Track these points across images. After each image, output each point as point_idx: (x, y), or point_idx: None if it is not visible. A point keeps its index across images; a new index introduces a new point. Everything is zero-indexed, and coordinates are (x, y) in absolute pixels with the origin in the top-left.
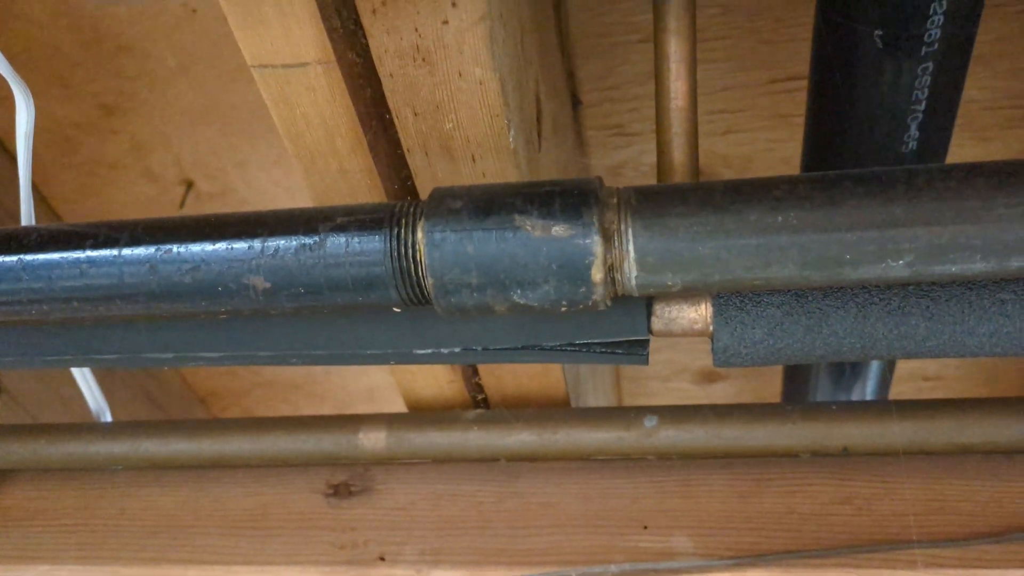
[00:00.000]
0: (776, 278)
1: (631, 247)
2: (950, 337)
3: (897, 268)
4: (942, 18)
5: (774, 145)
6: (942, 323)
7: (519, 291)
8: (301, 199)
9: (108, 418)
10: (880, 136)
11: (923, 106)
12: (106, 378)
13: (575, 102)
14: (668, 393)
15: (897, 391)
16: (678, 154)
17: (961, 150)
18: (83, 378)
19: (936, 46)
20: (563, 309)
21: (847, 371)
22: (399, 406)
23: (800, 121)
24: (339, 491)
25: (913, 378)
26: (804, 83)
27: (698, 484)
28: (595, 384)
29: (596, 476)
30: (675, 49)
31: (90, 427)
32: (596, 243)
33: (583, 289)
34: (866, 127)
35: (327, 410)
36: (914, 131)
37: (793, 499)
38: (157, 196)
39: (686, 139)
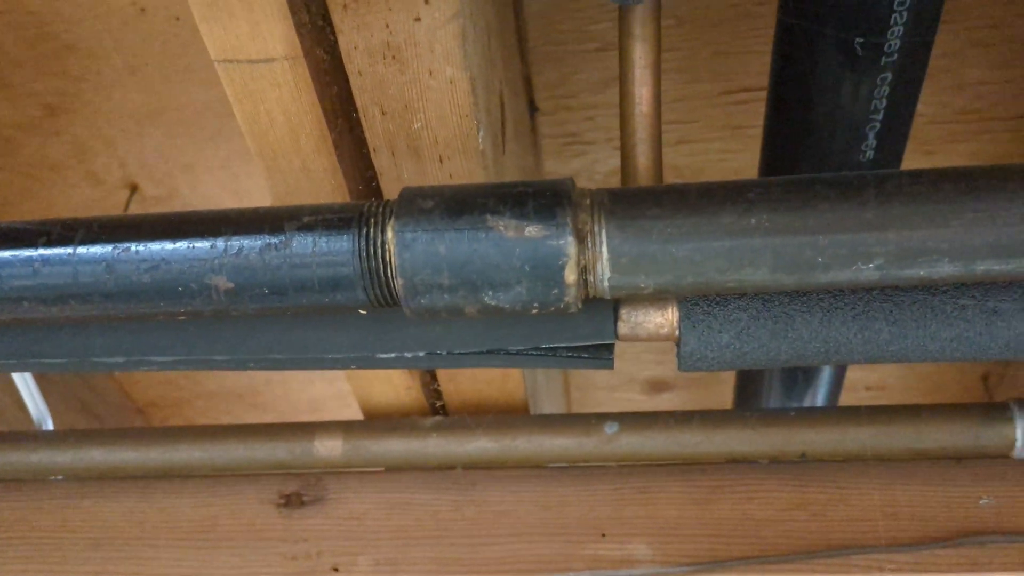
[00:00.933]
0: (749, 281)
1: (605, 248)
2: (913, 341)
3: (868, 271)
4: (901, 28)
5: (726, 156)
6: (905, 328)
7: (491, 292)
8: (248, 202)
9: (49, 426)
10: (838, 145)
11: (881, 116)
12: (39, 386)
13: (532, 108)
14: (615, 403)
15: (840, 400)
16: (643, 159)
17: (906, 163)
18: (24, 384)
19: (895, 57)
20: (534, 311)
21: (799, 379)
22: (344, 418)
23: (753, 132)
24: (291, 501)
25: (855, 388)
26: (757, 95)
27: (656, 491)
28: (549, 392)
29: (554, 484)
30: (640, 55)
31: (31, 435)
32: (570, 244)
33: (555, 291)
34: (825, 135)
35: (270, 421)
36: (872, 140)
37: (750, 505)
38: (100, 200)
39: (650, 144)
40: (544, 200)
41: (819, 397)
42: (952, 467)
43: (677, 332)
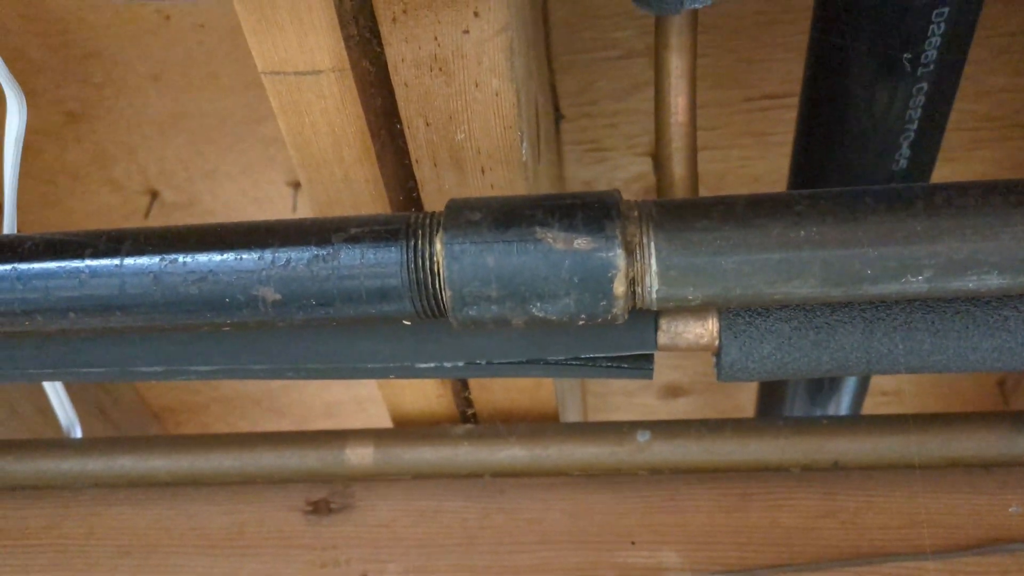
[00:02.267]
0: (796, 293)
1: (653, 260)
2: (955, 352)
3: (916, 284)
4: (939, 40)
5: (747, 163)
6: (947, 338)
7: (538, 304)
8: (270, 210)
9: (78, 434)
10: (871, 154)
11: (915, 125)
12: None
13: (558, 116)
14: (632, 408)
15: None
16: (679, 168)
17: None
18: (55, 392)
19: (932, 67)
20: (581, 322)
21: (825, 386)
22: (360, 423)
23: (775, 139)
24: (319, 508)
25: (870, 393)
26: (780, 102)
27: (685, 499)
28: (572, 399)
29: (583, 492)
30: (676, 65)
31: (62, 443)
32: (619, 256)
33: (604, 302)
34: (858, 145)
35: (285, 426)
36: (905, 149)
37: (779, 513)
38: (120, 206)
39: (686, 153)
40: (593, 212)
41: (844, 404)
42: (982, 475)
43: (717, 342)
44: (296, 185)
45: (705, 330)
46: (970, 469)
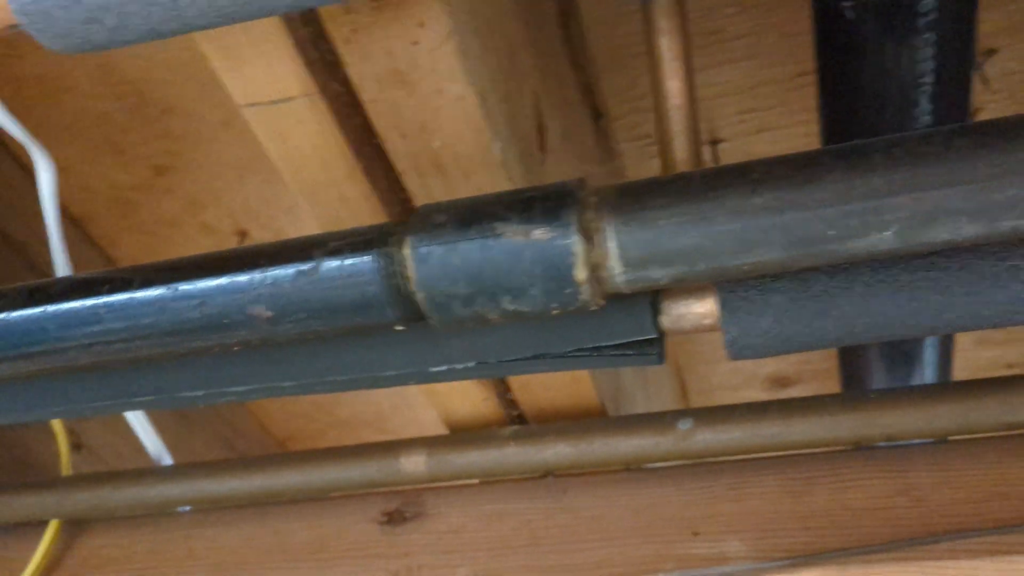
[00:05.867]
0: (763, 261)
1: (612, 244)
2: (965, 309)
3: (886, 240)
4: None
5: (812, 139)
6: (954, 295)
7: (508, 297)
8: None
9: (168, 461)
10: (892, 114)
11: (931, 78)
12: (182, 428)
13: (596, 115)
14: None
15: None
16: (680, 153)
17: None
18: (138, 422)
19: (933, 16)
20: (555, 312)
21: (899, 361)
22: None
23: None
24: (392, 518)
25: (995, 366)
26: None
27: (747, 486)
28: (648, 396)
29: (644, 486)
30: (667, 48)
31: (150, 472)
32: (576, 242)
33: (569, 290)
34: (876, 107)
35: None
36: (925, 105)
37: (846, 495)
38: (215, 248)
39: (687, 136)
40: (550, 203)
41: (927, 377)
42: None
43: (720, 322)
44: None
45: (706, 310)
46: None
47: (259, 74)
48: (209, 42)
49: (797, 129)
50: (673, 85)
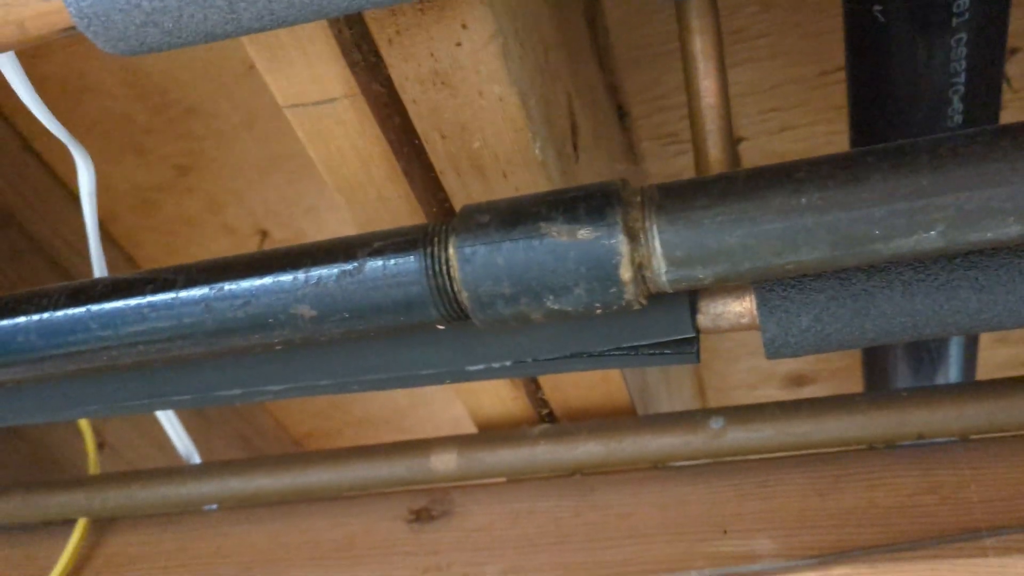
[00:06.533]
0: (807, 261)
1: (657, 243)
2: (1004, 308)
3: (931, 239)
4: None
5: (834, 137)
6: (994, 294)
7: (552, 297)
8: None
9: (196, 460)
10: (923, 115)
11: (963, 78)
12: (201, 426)
13: (620, 113)
14: (757, 401)
15: None
16: (714, 151)
17: None
18: (168, 421)
19: (967, 15)
20: (598, 311)
21: (925, 359)
22: None
23: None
24: (420, 516)
25: (1012, 365)
26: None
27: (776, 484)
28: (670, 394)
29: (672, 483)
30: (700, 47)
31: (179, 470)
32: (621, 242)
33: (613, 289)
34: (907, 107)
35: None
36: (957, 104)
37: (875, 492)
38: (235, 247)
39: (720, 135)
40: (594, 202)
41: (951, 376)
42: None
43: (758, 320)
44: None
45: (744, 308)
46: None
47: (303, 75)
48: (254, 44)
49: (819, 128)
50: (706, 84)
